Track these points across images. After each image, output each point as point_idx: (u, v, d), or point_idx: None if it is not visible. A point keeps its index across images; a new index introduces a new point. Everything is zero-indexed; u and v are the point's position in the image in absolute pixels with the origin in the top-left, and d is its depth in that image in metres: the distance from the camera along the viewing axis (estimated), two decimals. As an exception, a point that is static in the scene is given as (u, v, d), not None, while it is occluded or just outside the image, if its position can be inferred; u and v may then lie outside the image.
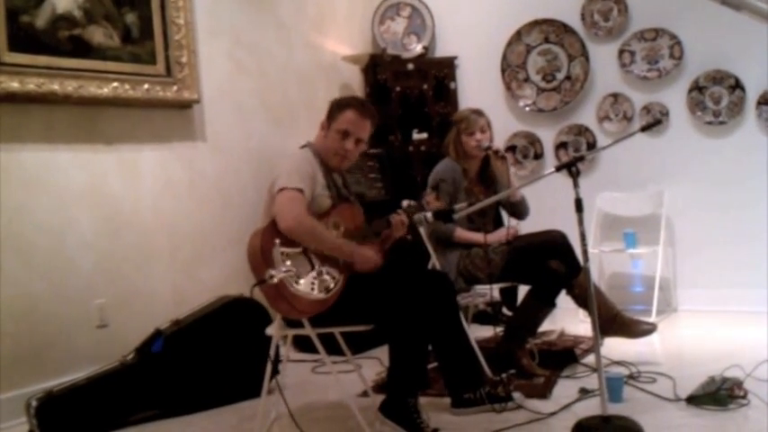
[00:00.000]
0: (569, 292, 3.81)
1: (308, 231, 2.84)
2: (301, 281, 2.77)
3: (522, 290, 3.94)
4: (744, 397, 3.13)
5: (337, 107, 3.18)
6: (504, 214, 4.22)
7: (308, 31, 5.37)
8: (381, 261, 3.06)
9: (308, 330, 2.90)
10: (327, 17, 5.58)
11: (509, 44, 5.68)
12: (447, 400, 3.33)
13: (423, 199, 3.26)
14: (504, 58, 5.70)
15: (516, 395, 3.31)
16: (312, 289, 2.79)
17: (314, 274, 2.83)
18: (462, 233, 3.88)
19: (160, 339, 3.57)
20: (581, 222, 2.93)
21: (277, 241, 2.76)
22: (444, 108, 5.60)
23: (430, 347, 3.17)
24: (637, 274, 5.39)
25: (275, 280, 2.66)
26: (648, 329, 3.80)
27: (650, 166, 5.32)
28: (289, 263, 2.76)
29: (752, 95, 5.01)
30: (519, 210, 4.08)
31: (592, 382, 3.47)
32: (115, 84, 3.92)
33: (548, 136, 5.67)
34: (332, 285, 2.86)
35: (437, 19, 5.89)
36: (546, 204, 3.68)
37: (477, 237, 3.83)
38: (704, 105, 5.14)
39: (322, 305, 2.80)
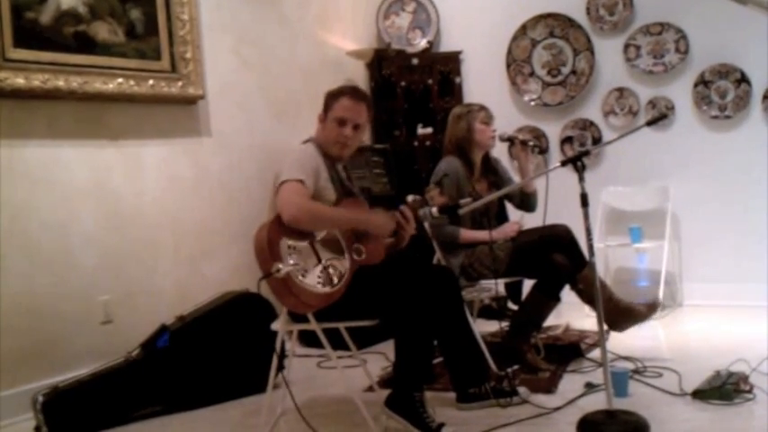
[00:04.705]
0: (574, 288, 3.80)
1: (311, 215, 2.84)
2: (308, 274, 2.77)
3: (528, 284, 3.94)
4: (749, 391, 3.13)
5: (331, 97, 3.21)
6: (509, 209, 4.22)
7: (312, 26, 5.36)
8: (394, 228, 3.07)
9: (314, 325, 2.90)
10: (331, 12, 5.57)
11: (514, 38, 5.67)
12: (452, 395, 3.32)
13: (426, 194, 3.26)
14: (510, 52, 5.69)
15: (521, 390, 3.31)
16: (319, 282, 2.78)
17: (320, 267, 2.82)
18: (467, 234, 3.87)
19: (165, 335, 3.57)
20: (586, 217, 2.93)
21: (284, 234, 2.77)
22: (449, 103, 5.57)
23: (436, 342, 3.17)
24: (642, 269, 5.38)
25: (282, 273, 2.66)
26: (652, 306, 3.77)
27: (656, 160, 5.31)
28: (296, 256, 2.76)
29: (758, 89, 5.00)
30: (530, 202, 4.08)
31: (597, 376, 3.47)
32: (120, 80, 3.93)
33: (553, 130, 5.66)
34: (338, 279, 2.86)
35: (442, 14, 5.88)
36: (551, 199, 3.66)
37: (483, 235, 3.81)
38: (710, 99, 5.13)
39: (328, 299, 2.80)
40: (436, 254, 3.84)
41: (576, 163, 2.99)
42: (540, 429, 2.99)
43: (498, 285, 3.79)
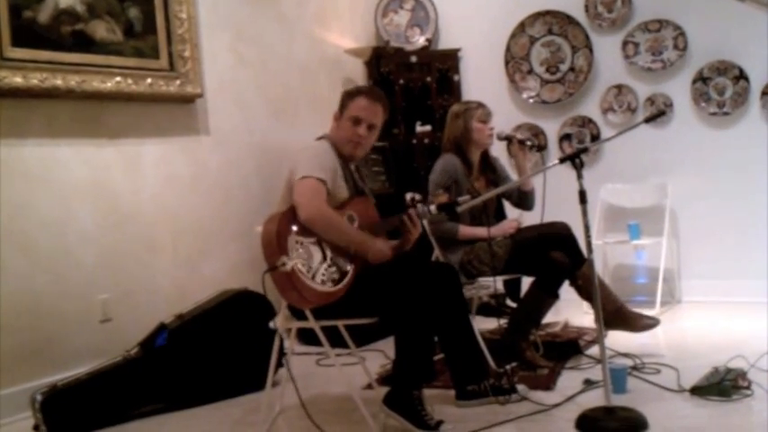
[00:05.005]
0: (573, 284, 3.81)
1: (328, 223, 2.86)
2: (312, 271, 2.77)
3: (526, 281, 3.94)
4: (747, 388, 3.13)
5: (348, 96, 3.23)
6: (507, 206, 4.22)
7: (310, 24, 5.36)
8: (391, 256, 3.06)
9: (312, 323, 2.90)
10: (330, 10, 5.56)
11: (513, 36, 5.66)
12: (451, 393, 3.32)
13: (434, 199, 3.25)
14: (508, 49, 5.68)
15: (520, 387, 3.31)
16: (323, 280, 2.79)
17: (326, 264, 2.83)
18: (466, 230, 3.86)
19: (164, 333, 3.57)
20: (585, 214, 2.93)
21: (294, 229, 2.77)
22: (448, 100, 5.57)
23: (436, 339, 3.17)
24: (641, 266, 5.39)
25: (288, 267, 2.66)
26: (651, 324, 3.80)
27: (654, 157, 5.31)
28: (302, 251, 2.76)
29: (756, 86, 5.00)
30: (527, 200, 4.08)
31: (596, 373, 3.47)
32: (118, 78, 3.92)
33: (551, 128, 5.66)
34: (342, 277, 2.86)
35: (440, 11, 5.88)
36: (550, 196, 3.66)
37: (481, 231, 3.81)
38: (708, 96, 5.13)
39: (331, 296, 2.80)
40: (434, 252, 3.84)
41: (575, 160, 3.00)
42: (539, 426, 2.99)
43: (497, 282, 3.79)
